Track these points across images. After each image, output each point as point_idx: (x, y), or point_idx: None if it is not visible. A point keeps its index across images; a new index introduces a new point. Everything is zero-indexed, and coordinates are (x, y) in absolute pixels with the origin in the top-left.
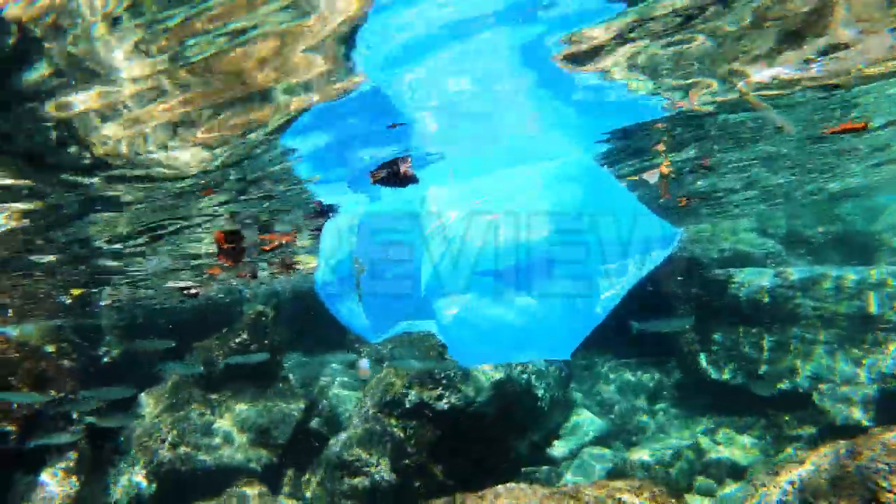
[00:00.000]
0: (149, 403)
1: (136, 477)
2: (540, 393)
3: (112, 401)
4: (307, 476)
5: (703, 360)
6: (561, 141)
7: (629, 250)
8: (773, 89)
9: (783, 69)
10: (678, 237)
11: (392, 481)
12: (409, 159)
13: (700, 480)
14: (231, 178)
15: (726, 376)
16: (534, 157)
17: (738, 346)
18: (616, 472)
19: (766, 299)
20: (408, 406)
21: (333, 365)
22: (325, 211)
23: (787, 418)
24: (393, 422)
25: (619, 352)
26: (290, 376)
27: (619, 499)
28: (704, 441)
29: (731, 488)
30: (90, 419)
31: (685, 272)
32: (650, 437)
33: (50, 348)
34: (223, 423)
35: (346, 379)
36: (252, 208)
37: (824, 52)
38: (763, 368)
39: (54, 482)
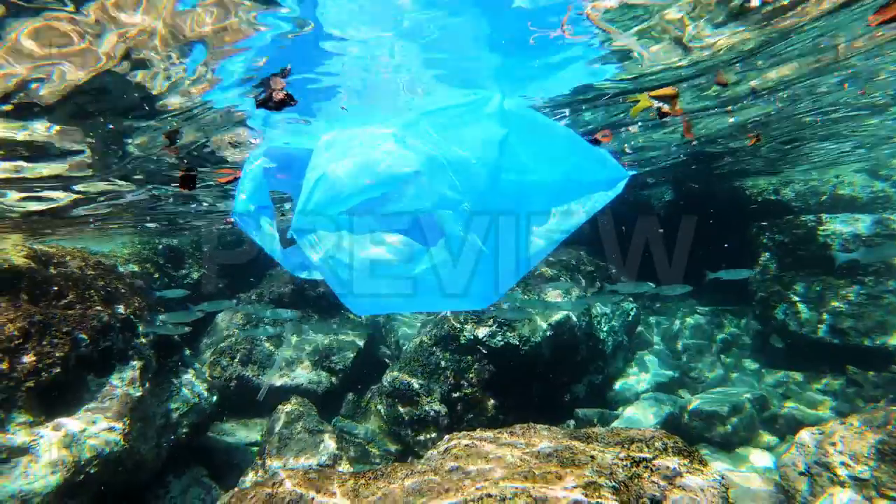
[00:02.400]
0: (223, 322)
1: (199, 388)
2: (602, 336)
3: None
4: (365, 401)
5: (781, 311)
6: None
7: (561, 195)
8: None
9: None
10: (625, 180)
11: (442, 412)
12: (280, 80)
13: (762, 434)
14: None
15: (806, 329)
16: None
17: (823, 298)
18: (672, 420)
19: (861, 248)
20: (462, 342)
21: None
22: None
23: (869, 376)
24: (447, 355)
25: (695, 298)
26: None
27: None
28: (773, 394)
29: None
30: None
31: (770, 216)
32: (716, 386)
33: (134, 268)
34: (289, 346)
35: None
36: None
37: None
38: (847, 322)
39: (122, 386)
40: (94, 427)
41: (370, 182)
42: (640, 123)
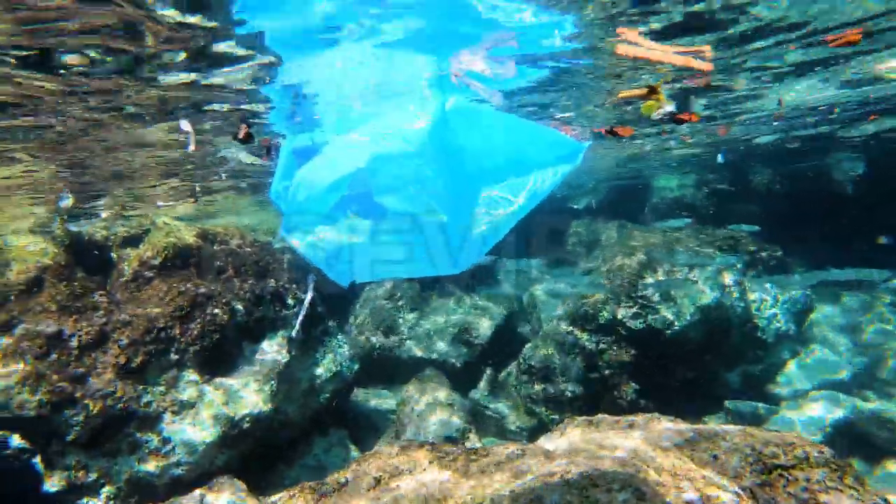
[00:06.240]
0: (369, 294)
1: (342, 357)
2: (763, 323)
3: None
4: (503, 376)
5: None
6: None
7: (518, 172)
8: None
9: None
10: (583, 151)
11: (577, 392)
12: (245, 126)
13: None
14: None
15: None
16: None
17: None
18: (847, 425)
19: None
20: (601, 321)
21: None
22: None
23: None
24: (585, 336)
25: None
26: (502, 279)
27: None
28: None
29: None
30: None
31: None
32: None
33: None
34: (431, 318)
35: (556, 287)
36: None
37: None
38: None
39: (271, 352)
40: (247, 388)
41: (334, 180)
42: None
